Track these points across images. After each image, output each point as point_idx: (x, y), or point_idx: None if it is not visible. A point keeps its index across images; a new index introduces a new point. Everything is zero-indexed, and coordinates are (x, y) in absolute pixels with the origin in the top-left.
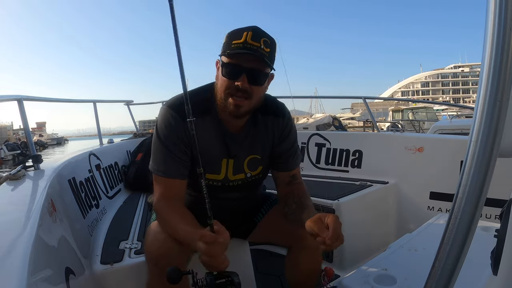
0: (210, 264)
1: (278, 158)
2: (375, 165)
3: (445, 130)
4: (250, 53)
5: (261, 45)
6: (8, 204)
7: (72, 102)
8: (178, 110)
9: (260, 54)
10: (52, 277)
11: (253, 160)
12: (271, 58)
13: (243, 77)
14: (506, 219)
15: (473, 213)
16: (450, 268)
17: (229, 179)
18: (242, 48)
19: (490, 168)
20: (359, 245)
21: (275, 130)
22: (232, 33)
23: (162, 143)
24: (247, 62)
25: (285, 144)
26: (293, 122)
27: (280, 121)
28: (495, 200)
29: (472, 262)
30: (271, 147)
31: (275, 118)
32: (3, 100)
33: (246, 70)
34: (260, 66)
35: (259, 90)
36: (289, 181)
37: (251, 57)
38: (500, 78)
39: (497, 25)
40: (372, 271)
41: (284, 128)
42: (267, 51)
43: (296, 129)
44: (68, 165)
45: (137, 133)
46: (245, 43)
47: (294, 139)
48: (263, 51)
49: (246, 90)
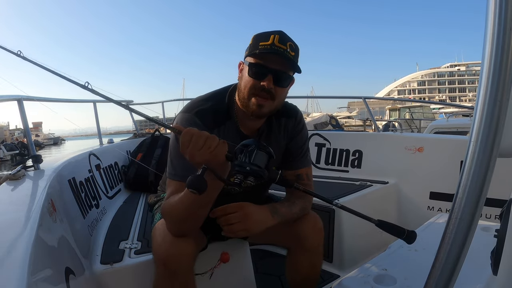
0: (211, 153)
1: (288, 156)
2: (375, 165)
3: (442, 129)
4: (277, 55)
5: (287, 48)
6: (8, 204)
7: (71, 102)
8: (203, 119)
9: (287, 57)
10: (52, 277)
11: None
12: (295, 62)
13: (269, 78)
14: (506, 219)
15: (473, 213)
16: (450, 268)
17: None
18: (269, 50)
19: (490, 168)
20: (359, 245)
21: (286, 130)
22: (259, 35)
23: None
24: (274, 63)
25: (295, 142)
26: (304, 122)
27: (292, 121)
28: (495, 200)
29: (472, 262)
30: (283, 147)
31: (289, 119)
32: (3, 100)
33: (272, 71)
34: (285, 68)
35: (282, 92)
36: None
37: (278, 58)
38: (500, 78)
39: (497, 25)
40: (372, 271)
41: (296, 126)
42: (293, 54)
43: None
44: (68, 165)
45: (137, 133)
46: (272, 45)
47: (305, 139)
48: (289, 54)
49: (270, 91)
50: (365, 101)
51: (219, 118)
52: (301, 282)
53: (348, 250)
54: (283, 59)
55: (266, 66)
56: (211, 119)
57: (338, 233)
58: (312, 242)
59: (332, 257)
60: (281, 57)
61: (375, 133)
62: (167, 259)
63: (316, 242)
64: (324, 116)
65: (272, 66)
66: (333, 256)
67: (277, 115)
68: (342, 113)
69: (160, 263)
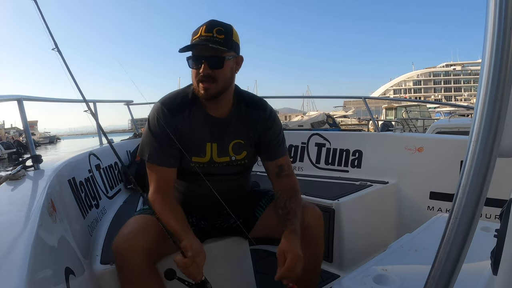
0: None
1: (265, 147)
2: (375, 165)
3: (444, 129)
4: (205, 42)
5: (214, 34)
6: (8, 204)
7: (71, 102)
8: (169, 107)
9: (212, 42)
10: (52, 277)
11: (237, 144)
12: (226, 43)
13: (203, 65)
14: (506, 219)
15: (473, 213)
16: (450, 268)
17: (214, 161)
18: (197, 41)
19: (490, 168)
20: (359, 245)
21: (256, 121)
22: (194, 31)
23: (153, 135)
24: (204, 51)
25: (270, 134)
26: (276, 115)
27: (261, 114)
28: (495, 200)
29: (472, 262)
30: (256, 137)
31: (256, 111)
32: (3, 100)
33: (204, 58)
34: (216, 52)
35: (222, 72)
36: (277, 172)
37: (205, 46)
38: (500, 78)
39: (497, 25)
40: (372, 271)
41: (267, 120)
42: (221, 37)
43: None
44: (68, 165)
45: (137, 133)
46: (200, 36)
47: (279, 131)
48: (216, 38)
49: (209, 75)
50: (365, 101)
51: (184, 104)
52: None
53: (348, 250)
54: (211, 45)
55: (198, 55)
56: (177, 106)
57: (338, 233)
58: (314, 231)
59: (332, 257)
60: (209, 43)
61: (375, 133)
62: (116, 251)
63: (317, 231)
64: (321, 115)
65: (203, 53)
66: (333, 256)
67: (246, 103)
68: (338, 112)
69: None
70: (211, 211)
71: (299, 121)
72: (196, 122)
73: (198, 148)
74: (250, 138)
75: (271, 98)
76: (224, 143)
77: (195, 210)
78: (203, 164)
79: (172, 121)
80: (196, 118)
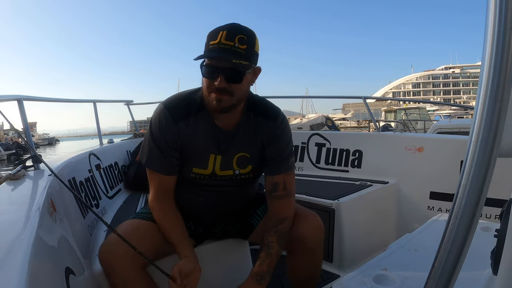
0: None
1: (266, 160)
2: (375, 165)
3: (445, 129)
4: (225, 53)
5: (236, 43)
6: (8, 204)
7: (71, 102)
8: (172, 111)
9: (233, 54)
10: (52, 277)
11: (242, 157)
12: (248, 55)
13: (219, 77)
14: (506, 219)
15: (473, 213)
16: (450, 268)
17: (216, 174)
18: (216, 49)
19: (490, 168)
20: (359, 245)
21: (263, 131)
22: (211, 33)
23: (153, 140)
24: (222, 62)
25: (273, 147)
26: (286, 128)
27: (269, 124)
28: (495, 200)
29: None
30: (260, 148)
31: (265, 120)
32: (3, 100)
33: (222, 70)
34: (235, 64)
35: (239, 87)
36: (270, 191)
37: (226, 57)
38: (500, 78)
39: (497, 25)
40: (372, 271)
41: (274, 131)
42: (243, 48)
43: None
44: (68, 165)
45: (137, 133)
46: (219, 43)
47: (284, 146)
48: (237, 49)
49: (225, 89)
50: (365, 101)
51: (191, 111)
52: (303, 280)
53: (348, 250)
54: (232, 56)
55: (215, 66)
56: (182, 112)
57: (338, 233)
58: (313, 242)
59: (332, 257)
60: (230, 55)
61: (375, 133)
62: (100, 258)
63: (316, 242)
64: (320, 117)
65: (221, 65)
66: (333, 256)
67: (256, 112)
68: (337, 114)
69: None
70: (209, 220)
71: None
72: (200, 132)
73: (200, 159)
74: (255, 149)
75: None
76: (229, 155)
77: (193, 217)
78: (204, 176)
79: (174, 128)
80: (201, 127)
